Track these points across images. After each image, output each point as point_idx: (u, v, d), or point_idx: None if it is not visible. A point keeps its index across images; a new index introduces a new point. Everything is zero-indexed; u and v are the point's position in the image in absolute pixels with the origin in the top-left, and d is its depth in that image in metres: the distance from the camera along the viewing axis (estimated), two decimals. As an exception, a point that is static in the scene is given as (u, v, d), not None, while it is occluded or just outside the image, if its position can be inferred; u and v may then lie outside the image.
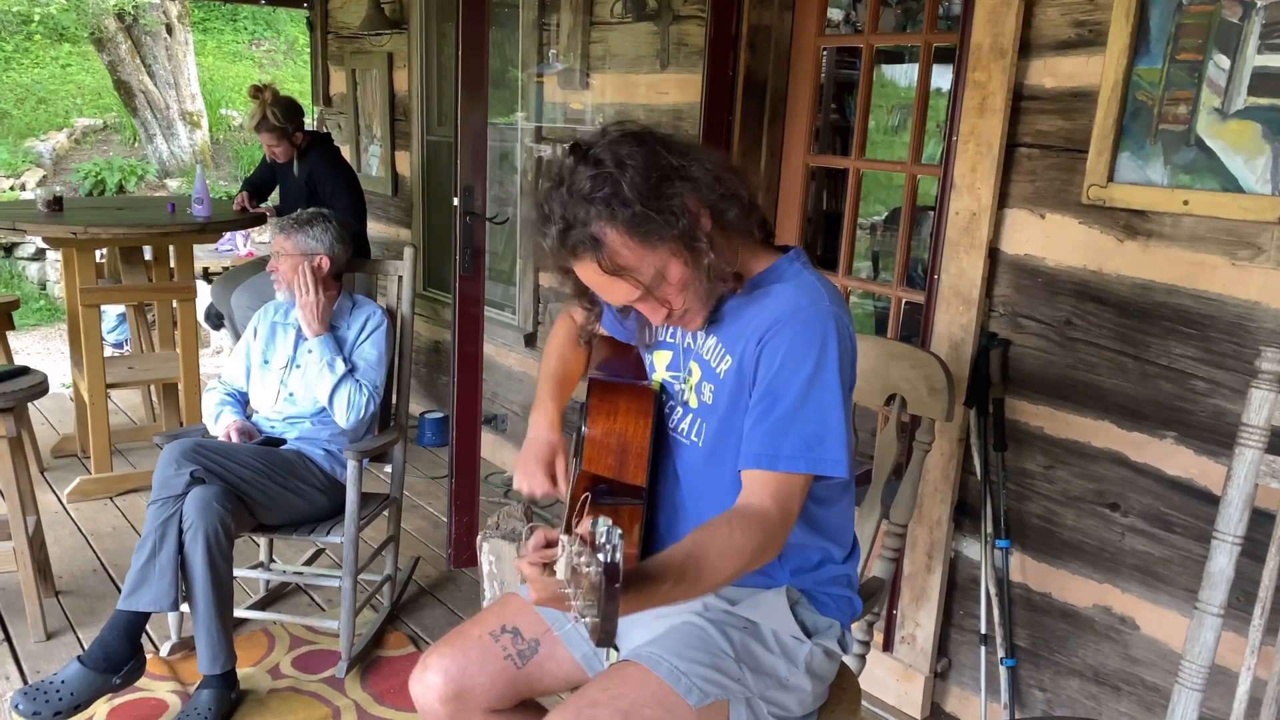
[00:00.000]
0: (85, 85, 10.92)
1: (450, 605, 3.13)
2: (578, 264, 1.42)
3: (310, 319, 2.76)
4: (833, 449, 1.41)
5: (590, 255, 1.38)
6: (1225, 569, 1.59)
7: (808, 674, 1.55)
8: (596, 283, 1.44)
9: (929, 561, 2.56)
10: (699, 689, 1.43)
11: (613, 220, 1.36)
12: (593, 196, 1.36)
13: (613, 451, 1.53)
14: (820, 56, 3.07)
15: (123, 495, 3.81)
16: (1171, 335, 2.09)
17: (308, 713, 2.53)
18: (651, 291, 1.42)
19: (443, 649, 1.59)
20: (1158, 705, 2.20)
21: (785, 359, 1.42)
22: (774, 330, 1.43)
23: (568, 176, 1.40)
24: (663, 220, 1.36)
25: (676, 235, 1.38)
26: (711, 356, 1.54)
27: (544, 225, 1.42)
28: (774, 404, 1.42)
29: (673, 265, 1.40)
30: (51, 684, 2.29)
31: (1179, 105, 2.01)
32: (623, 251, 1.37)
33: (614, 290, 1.43)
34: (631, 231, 1.36)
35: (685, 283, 1.43)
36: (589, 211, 1.36)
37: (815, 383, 1.41)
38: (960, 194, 2.39)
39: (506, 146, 4.21)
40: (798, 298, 1.46)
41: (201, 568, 2.35)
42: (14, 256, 8.02)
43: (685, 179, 1.40)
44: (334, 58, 5.53)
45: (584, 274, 1.43)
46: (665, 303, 1.45)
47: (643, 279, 1.40)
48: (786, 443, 1.40)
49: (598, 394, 1.58)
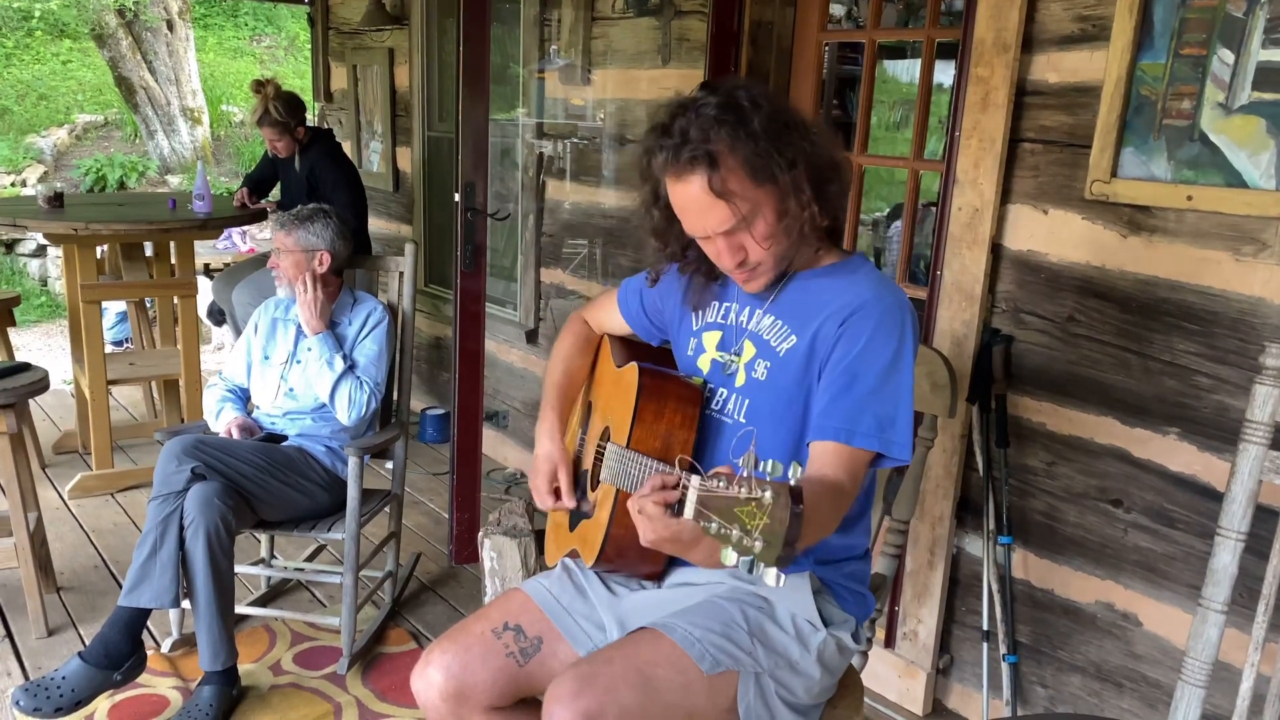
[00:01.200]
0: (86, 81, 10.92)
1: (452, 602, 3.13)
2: (683, 180, 1.43)
3: (310, 316, 2.75)
4: (902, 432, 1.46)
5: (703, 170, 1.40)
6: (1229, 565, 1.58)
7: (818, 663, 1.55)
8: (696, 203, 1.44)
9: (931, 558, 2.56)
10: (711, 656, 1.45)
11: (734, 145, 1.40)
12: (721, 119, 1.40)
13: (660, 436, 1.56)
14: (822, 52, 3.06)
15: (124, 491, 3.81)
16: (1175, 331, 2.09)
17: (309, 709, 2.53)
18: (744, 226, 1.44)
19: (445, 645, 1.59)
20: (1160, 702, 2.20)
21: (870, 341, 1.46)
22: (860, 314, 1.48)
23: (694, 103, 1.44)
24: (777, 161, 1.41)
25: (786, 181, 1.42)
26: (771, 335, 1.57)
27: (660, 138, 1.44)
28: (853, 382, 1.46)
29: (769, 210, 1.44)
30: (53, 680, 2.29)
31: (1183, 100, 2.00)
32: (733, 178, 1.40)
33: (709, 215, 1.43)
34: (748, 162, 1.40)
35: (772, 233, 1.46)
36: (713, 132, 1.39)
37: (895, 368, 1.46)
38: (963, 190, 2.39)
39: (508, 142, 4.20)
40: (879, 287, 1.52)
41: (203, 564, 2.35)
42: (15, 253, 8.01)
43: (805, 138, 1.45)
44: (335, 53, 5.52)
45: (686, 192, 1.44)
46: (744, 248, 1.48)
47: (742, 209, 1.42)
48: (863, 421, 1.44)
49: (649, 380, 1.59)
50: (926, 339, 2.50)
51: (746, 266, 1.51)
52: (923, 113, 2.78)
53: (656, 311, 1.78)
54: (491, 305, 3.96)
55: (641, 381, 1.59)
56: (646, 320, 1.80)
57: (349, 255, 2.90)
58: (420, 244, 4.69)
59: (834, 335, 1.49)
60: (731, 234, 1.46)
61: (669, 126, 1.43)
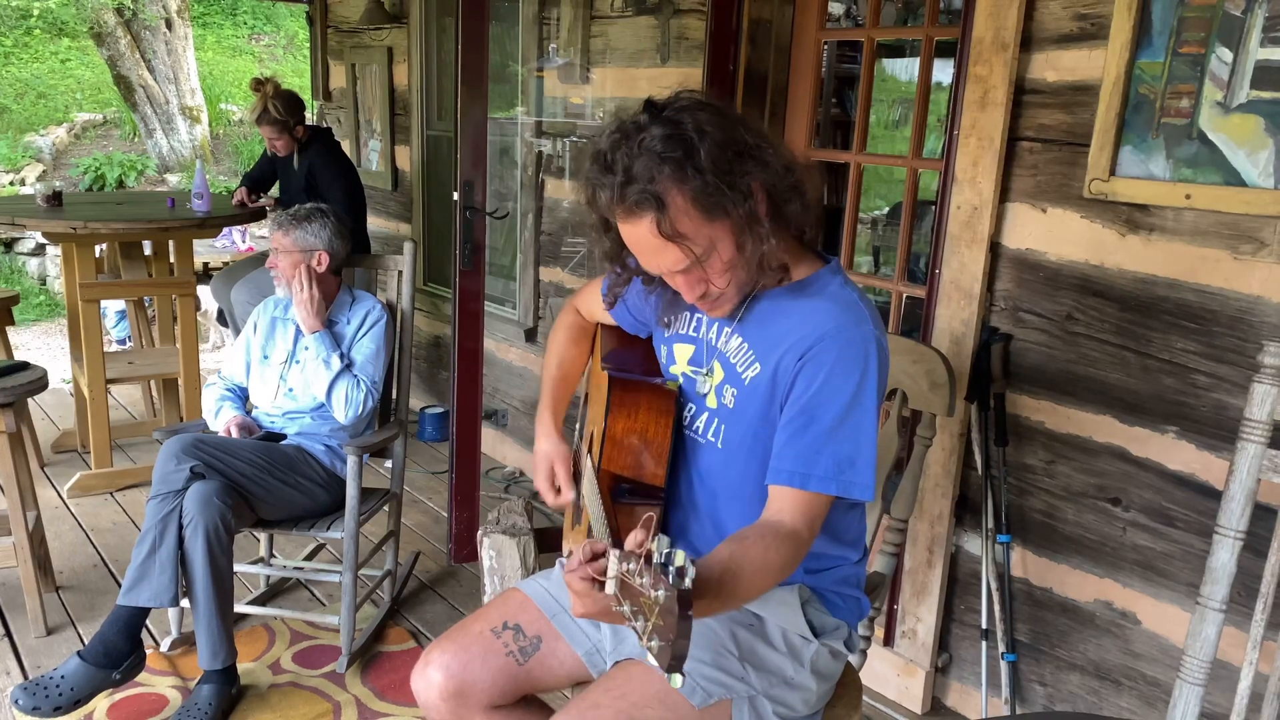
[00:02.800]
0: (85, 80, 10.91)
1: (451, 601, 3.13)
2: (631, 221, 1.35)
3: (307, 315, 2.75)
4: (863, 472, 1.40)
5: (650, 214, 1.32)
6: (1227, 564, 1.58)
7: (813, 674, 1.54)
8: (646, 245, 1.37)
9: (930, 556, 2.56)
10: (702, 689, 1.43)
11: (681, 185, 1.32)
12: (665, 156, 1.31)
13: (632, 451, 1.51)
14: (821, 50, 3.06)
15: (123, 490, 3.80)
16: (1173, 330, 2.09)
17: (308, 708, 2.53)
18: (699, 264, 1.38)
19: (444, 645, 1.59)
20: (1159, 700, 2.20)
21: (827, 379, 1.39)
22: (818, 348, 1.41)
23: (637, 132, 1.34)
24: (729, 196, 1.33)
25: (740, 215, 1.35)
26: (737, 359, 1.51)
27: (602, 175, 1.36)
28: (810, 422, 1.40)
29: (726, 243, 1.37)
30: (51, 679, 2.29)
31: (1181, 99, 2.01)
32: (683, 218, 1.33)
33: (661, 256, 1.37)
34: (697, 200, 1.32)
35: (733, 264, 1.39)
36: (658, 171, 1.31)
37: (855, 405, 1.39)
38: (962, 188, 2.39)
39: (507, 141, 4.20)
40: (842, 316, 1.43)
41: (202, 563, 2.35)
42: (14, 252, 8.00)
43: (759, 161, 1.36)
44: (334, 52, 5.52)
45: (634, 232, 1.37)
46: (705, 281, 1.41)
47: (695, 249, 1.35)
48: (820, 463, 1.39)
49: (619, 392, 1.55)
50: (925, 337, 2.50)
51: (709, 298, 1.44)
52: (921, 111, 2.78)
53: (638, 308, 1.73)
54: (490, 304, 3.96)
55: (611, 394, 1.54)
56: (630, 316, 1.75)
57: (347, 254, 2.90)
58: (419, 242, 4.70)
59: (793, 369, 1.43)
60: (689, 271, 1.39)
61: (611, 161, 1.35)
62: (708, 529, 1.57)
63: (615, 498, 1.47)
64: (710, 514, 1.56)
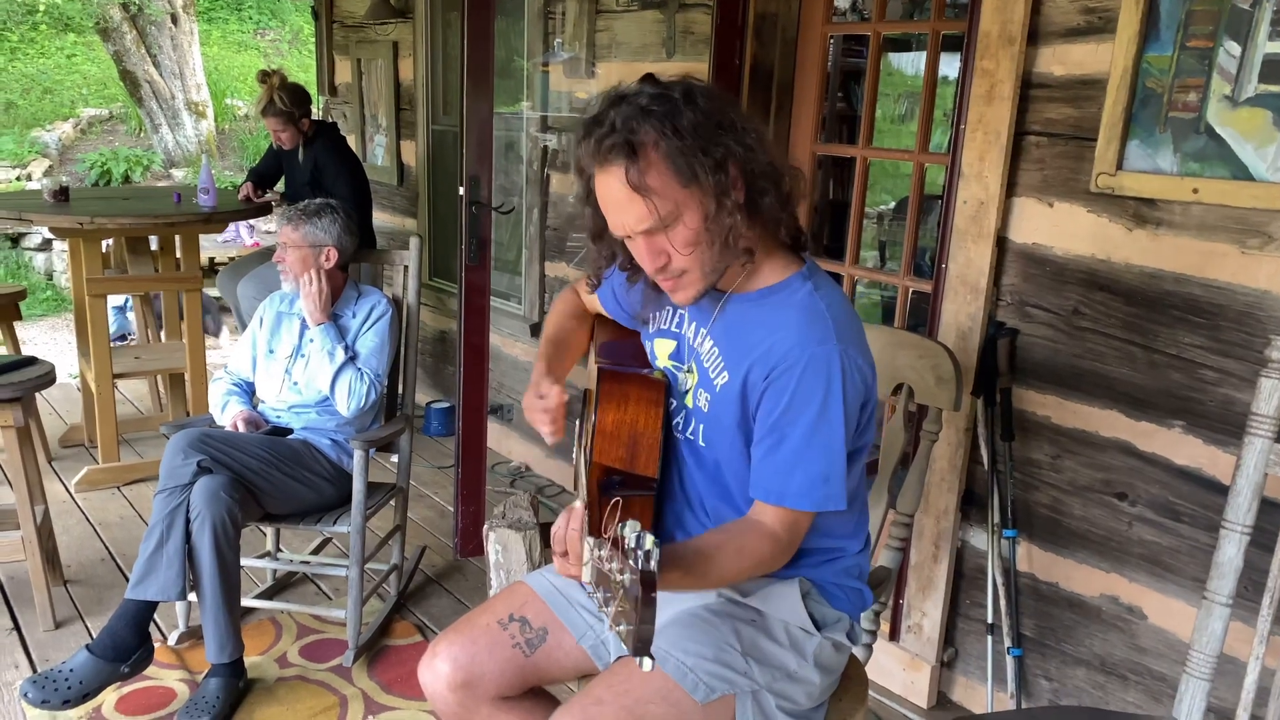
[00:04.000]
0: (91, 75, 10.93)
1: (457, 594, 3.14)
2: (604, 171, 1.37)
3: (314, 308, 2.76)
4: (835, 485, 1.43)
5: (621, 162, 1.34)
6: (1234, 559, 1.58)
7: (816, 667, 1.55)
8: (614, 199, 1.38)
9: (936, 551, 2.56)
10: (705, 685, 1.44)
11: (658, 139, 1.34)
12: (649, 110, 1.34)
13: (624, 443, 1.52)
14: (827, 44, 3.05)
15: (130, 485, 3.82)
16: (1180, 324, 2.08)
17: (315, 701, 2.54)
18: (663, 227, 1.38)
19: (451, 637, 1.59)
20: (1165, 695, 2.20)
21: (791, 401, 1.41)
22: (781, 368, 1.42)
23: (630, 95, 1.38)
24: (703, 162, 1.34)
25: (710, 185, 1.35)
26: (709, 364, 1.52)
27: (589, 129, 1.38)
28: (780, 441, 1.42)
29: (692, 213, 1.37)
30: (60, 672, 2.30)
31: (1189, 93, 2.00)
32: (653, 172, 1.34)
33: (627, 211, 1.37)
34: (670, 158, 1.34)
35: (696, 239, 1.38)
36: (638, 123, 1.34)
37: (820, 424, 1.40)
38: (968, 183, 2.38)
39: (512, 136, 4.20)
40: (806, 332, 1.43)
41: (209, 557, 2.36)
42: (21, 247, 8.02)
43: (739, 142, 1.38)
44: (339, 47, 5.52)
45: (607, 185, 1.38)
46: (665, 253, 1.41)
47: (660, 209, 1.35)
48: (793, 481, 1.42)
49: (608, 383, 1.56)
50: (931, 332, 2.50)
51: (670, 273, 1.43)
52: (928, 105, 2.77)
53: (623, 297, 1.72)
54: (496, 299, 3.97)
55: (600, 386, 1.55)
56: (615, 303, 1.75)
57: (355, 250, 2.91)
58: (425, 238, 4.71)
59: (760, 386, 1.44)
60: (651, 235, 1.39)
61: (599, 116, 1.37)
62: (705, 521, 1.57)
63: (607, 490, 1.47)
64: (702, 503, 1.58)
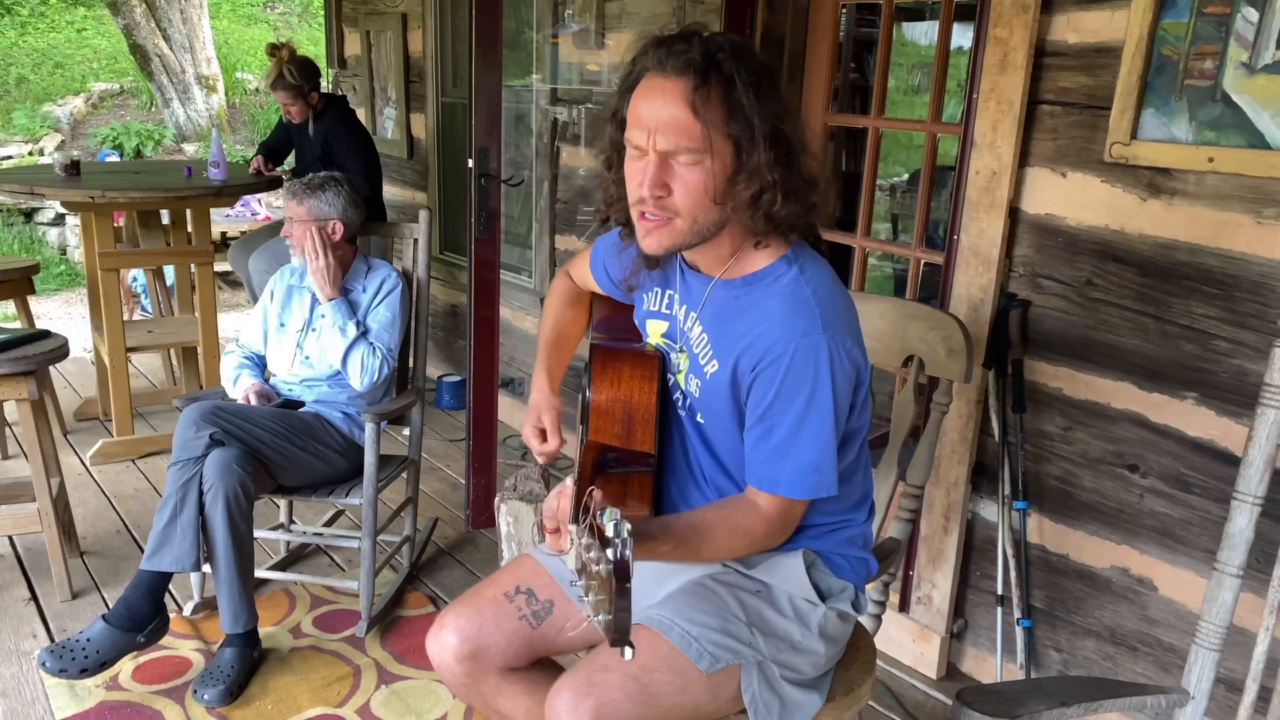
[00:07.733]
0: (101, 50, 10.91)
1: (469, 566, 3.16)
2: (664, 78, 1.34)
3: (323, 283, 2.76)
4: (826, 473, 1.44)
5: (691, 77, 1.32)
6: (1245, 530, 1.58)
7: (820, 637, 1.55)
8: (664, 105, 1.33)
9: (946, 523, 2.56)
10: (709, 654, 1.44)
11: (734, 79, 1.33)
12: (723, 43, 1.35)
13: (619, 419, 1.51)
14: (839, 14, 3.01)
15: (144, 458, 3.85)
16: (1194, 295, 2.07)
17: (328, 671, 2.57)
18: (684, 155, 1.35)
19: (459, 609, 1.60)
20: (1174, 665, 2.20)
21: (779, 393, 1.41)
22: (767, 361, 1.41)
23: (703, 30, 1.38)
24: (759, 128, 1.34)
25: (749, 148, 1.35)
26: (699, 350, 1.52)
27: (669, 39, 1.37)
28: (770, 431, 1.43)
29: (719, 164, 1.35)
30: (77, 642, 2.33)
31: (1205, 60, 1.97)
32: (713, 104, 1.33)
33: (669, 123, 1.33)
34: (726, 100, 1.33)
35: (707, 189, 1.36)
36: (725, 56, 1.34)
37: (809, 413, 1.41)
38: (981, 153, 2.36)
39: (522, 108, 4.18)
40: (791, 323, 1.41)
41: (222, 529, 2.38)
42: (34, 222, 8.05)
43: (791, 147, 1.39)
44: (348, 19, 5.49)
45: (662, 91, 1.34)
46: (669, 185, 1.36)
47: (693, 137, 1.33)
48: (784, 470, 1.43)
49: (600, 360, 1.54)
50: (943, 304, 2.49)
51: (661, 207, 1.37)
52: (940, 75, 2.74)
53: (614, 267, 1.72)
54: (506, 272, 3.96)
55: (593, 363, 1.53)
56: (610, 282, 1.75)
57: (362, 222, 2.90)
58: (435, 211, 4.70)
59: (749, 376, 1.44)
60: (669, 159, 1.35)
61: (685, 34, 1.37)
62: (709, 494, 1.58)
63: (602, 468, 1.46)
64: (704, 477, 1.58)
